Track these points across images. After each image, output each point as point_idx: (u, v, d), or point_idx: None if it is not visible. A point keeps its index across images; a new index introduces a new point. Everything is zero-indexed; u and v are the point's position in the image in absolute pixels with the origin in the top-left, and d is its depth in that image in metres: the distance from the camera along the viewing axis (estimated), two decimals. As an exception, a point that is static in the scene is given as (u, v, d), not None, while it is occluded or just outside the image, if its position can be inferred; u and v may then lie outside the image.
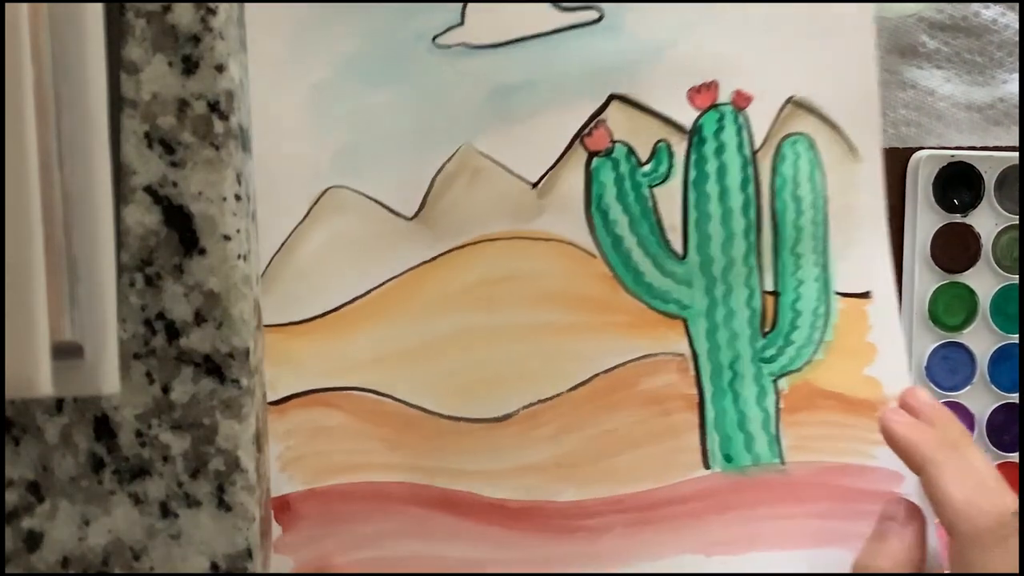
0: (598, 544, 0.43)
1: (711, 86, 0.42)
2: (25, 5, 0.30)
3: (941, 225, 0.54)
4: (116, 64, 0.37)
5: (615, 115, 0.42)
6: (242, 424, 0.39)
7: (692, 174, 0.42)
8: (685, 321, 0.43)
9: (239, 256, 0.38)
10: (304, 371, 0.42)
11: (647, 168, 0.42)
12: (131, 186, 0.38)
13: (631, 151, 0.42)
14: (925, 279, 0.54)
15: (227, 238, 0.38)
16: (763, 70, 0.42)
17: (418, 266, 0.42)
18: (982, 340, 0.55)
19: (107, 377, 0.33)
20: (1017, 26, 0.55)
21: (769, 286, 0.43)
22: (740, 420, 0.43)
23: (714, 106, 0.42)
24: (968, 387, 0.55)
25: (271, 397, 0.42)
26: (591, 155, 0.42)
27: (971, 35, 0.55)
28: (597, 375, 0.43)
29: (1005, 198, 0.54)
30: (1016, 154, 0.54)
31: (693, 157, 0.42)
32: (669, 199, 0.42)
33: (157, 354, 0.38)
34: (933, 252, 0.54)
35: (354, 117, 0.41)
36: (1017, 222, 0.54)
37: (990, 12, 0.55)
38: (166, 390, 0.38)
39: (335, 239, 0.42)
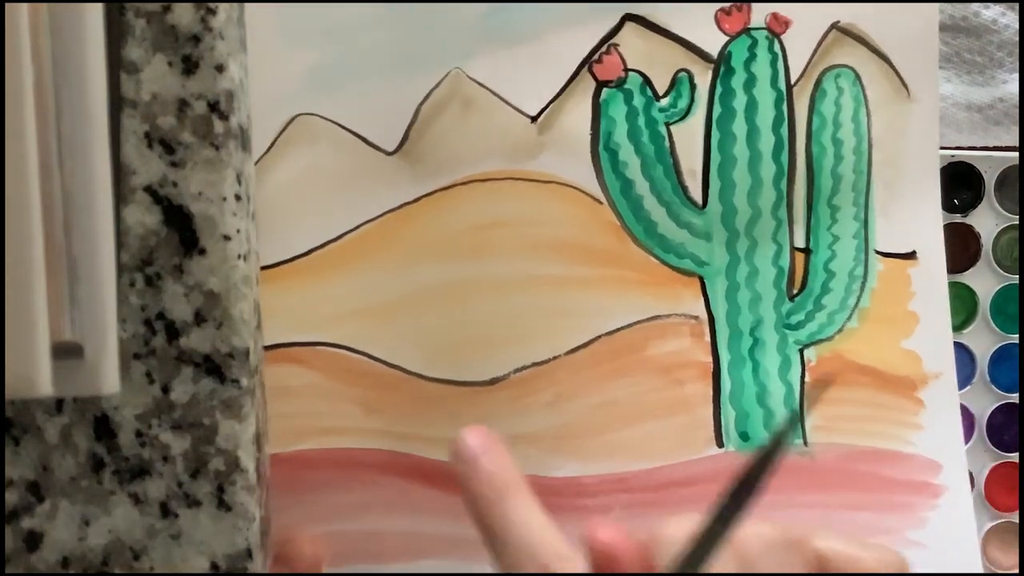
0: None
1: (743, 7, 0.37)
2: (25, 5, 0.30)
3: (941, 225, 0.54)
4: (116, 64, 0.37)
5: (629, 39, 0.37)
6: (242, 424, 0.39)
7: (717, 110, 0.37)
8: (702, 279, 0.38)
9: (239, 256, 0.38)
10: (268, 323, 0.37)
11: (665, 102, 0.37)
12: (131, 186, 0.38)
13: (647, 82, 0.37)
14: (925, 279, 0.54)
15: (227, 238, 0.38)
16: None
17: (399, 208, 0.37)
18: (982, 340, 0.55)
19: (107, 377, 0.33)
20: (1017, 26, 0.55)
21: (800, 242, 0.38)
22: (760, 394, 0.38)
23: (745, 31, 0.37)
24: (968, 387, 0.55)
25: None
26: (600, 85, 0.37)
27: (971, 35, 0.55)
28: (600, 337, 0.38)
29: (1005, 198, 0.54)
30: (1016, 154, 0.54)
31: (719, 90, 0.37)
32: (689, 139, 0.37)
33: (157, 354, 0.38)
34: (933, 252, 0.54)
35: (328, 33, 0.36)
36: (1017, 222, 0.54)
37: (990, 12, 0.55)
38: (166, 390, 0.38)
39: (304, 174, 0.37)
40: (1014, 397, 0.55)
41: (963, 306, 0.55)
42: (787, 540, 0.33)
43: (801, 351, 0.39)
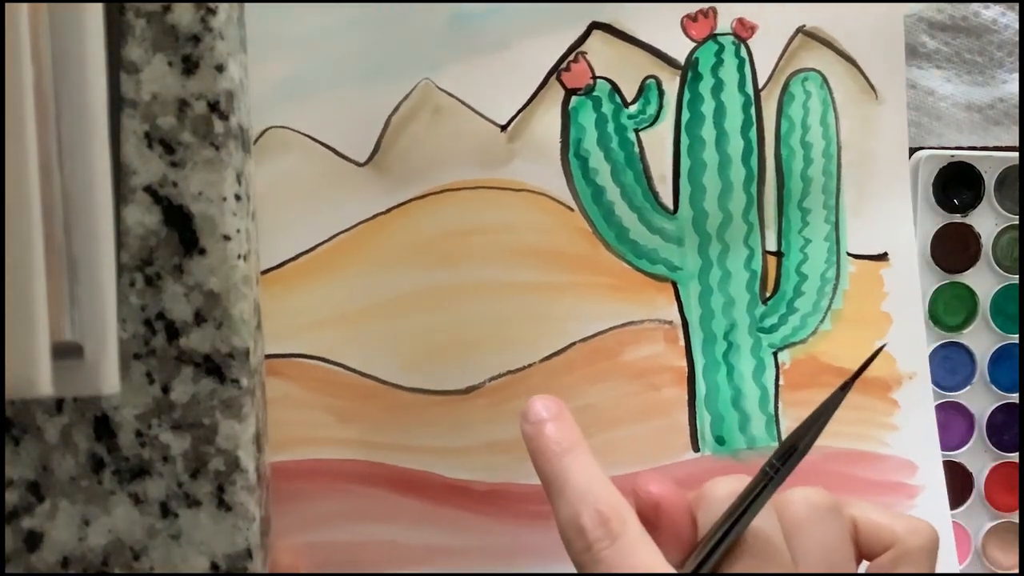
0: None
1: (709, 13, 0.37)
2: (25, 5, 0.30)
3: (941, 225, 0.54)
4: (116, 64, 0.37)
5: (597, 47, 0.37)
6: (242, 424, 0.39)
7: (685, 116, 0.38)
8: (675, 284, 0.39)
9: (239, 256, 0.38)
10: None
11: (633, 109, 0.37)
12: (131, 186, 0.38)
13: (615, 89, 0.37)
14: (925, 279, 0.54)
15: (227, 238, 0.38)
16: None
17: (371, 218, 0.38)
18: (982, 340, 0.55)
19: (107, 377, 0.33)
20: (1017, 26, 0.55)
21: (772, 246, 0.39)
22: (735, 397, 0.39)
23: (712, 36, 0.37)
24: (968, 387, 0.55)
25: None
26: (569, 93, 0.37)
27: (971, 35, 0.55)
28: (575, 343, 0.38)
29: (1005, 198, 0.54)
30: (1016, 154, 0.54)
31: (687, 96, 0.37)
32: (658, 145, 0.37)
33: (157, 354, 0.38)
34: (933, 252, 0.54)
35: (297, 44, 0.36)
36: (1017, 222, 0.54)
37: (990, 12, 0.55)
38: (166, 390, 0.38)
39: (276, 187, 0.37)
40: (1014, 397, 0.55)
41: (963, 306, 0.55)
42: (831, 504, 0.34)
43: (775, 354, 0.39)
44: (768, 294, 0.39)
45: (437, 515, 0.39)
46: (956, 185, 0.55)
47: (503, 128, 0.37)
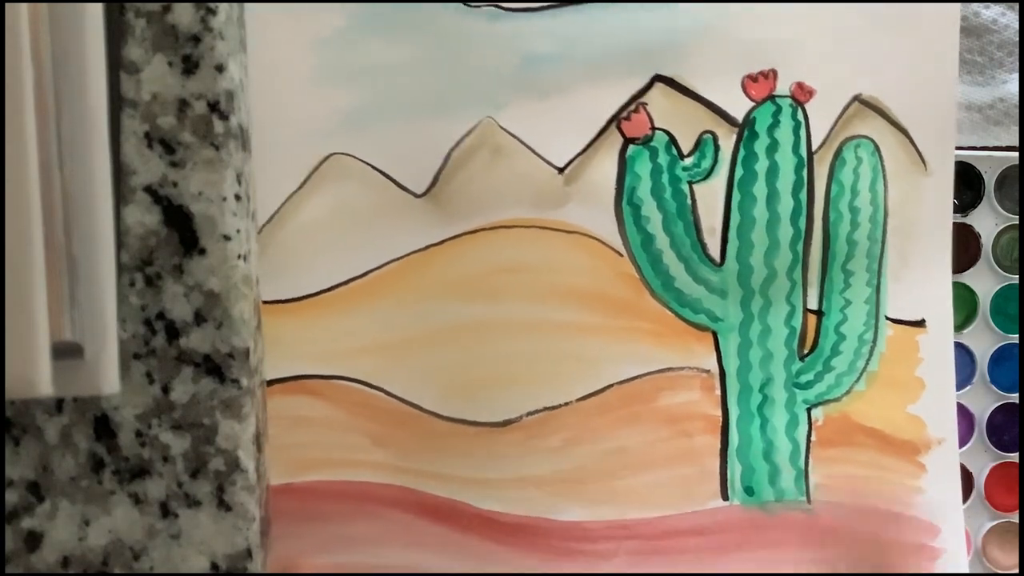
0: (599, 571, 0.39)
1: (769, 75, 0.38)
2: (25, 5, 0.30)
3: (941, 225, 0.54)
4: (116, 64, 0.37)
5: (658, 99, 0.38)
6: (242, 424, 0.39)
7: (739, 172, 0.38)
8: (715, 334, 0.40)
9: (239, 256, 0.38)
10: (289, 354, 0.38)
11: (689, 162, 0.38)
12: (131, 186, 0.38)
13: (672, 141, 0.38)
14: (925, 279, 0.54)
15: (227, 238, 0.38)
16: (829, 61, 0.38)
17: (423, 249, 0.38)
18: (982, 340, 0.55)
19: (107, 377, 0.33)
20: (1017, 26, 0.55)
21: (813, 304, 0.40)
22: (766, 450, 0.39)
23: (771, 98, 0.38)
24: (968, 387, 0.55)
25: None
26: (627, 142, 0.38)
27: (971, 35, 0.55)
28: (612, 385, 0.39)
29: (1005, 198, 0.54)
30: (1016, 154, 0.54)
31: (742, 153, 0.38)
32: (710, 198, 0.38)
33: (157, 354, 0.38)
34: (933, 252, 0.54)
35: (367, 75, 0.37)
36: (1017, 222, 0.54)
37: (990, 12, 0.55)
38: (166, 390, 0.38)
39: (334, 212, 0.38)
40: (1014, 397, 0.55)
41: (963, 306, 0.55)
42: None
43: (809, 410, 0.40)
44: (806, 351, 0.40)
45: (464, 544, 0.39)
46: (956, 185, 0.55)
47: (560, 171, 0.38)
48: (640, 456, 0.39)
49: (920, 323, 0.41)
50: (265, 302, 0.38)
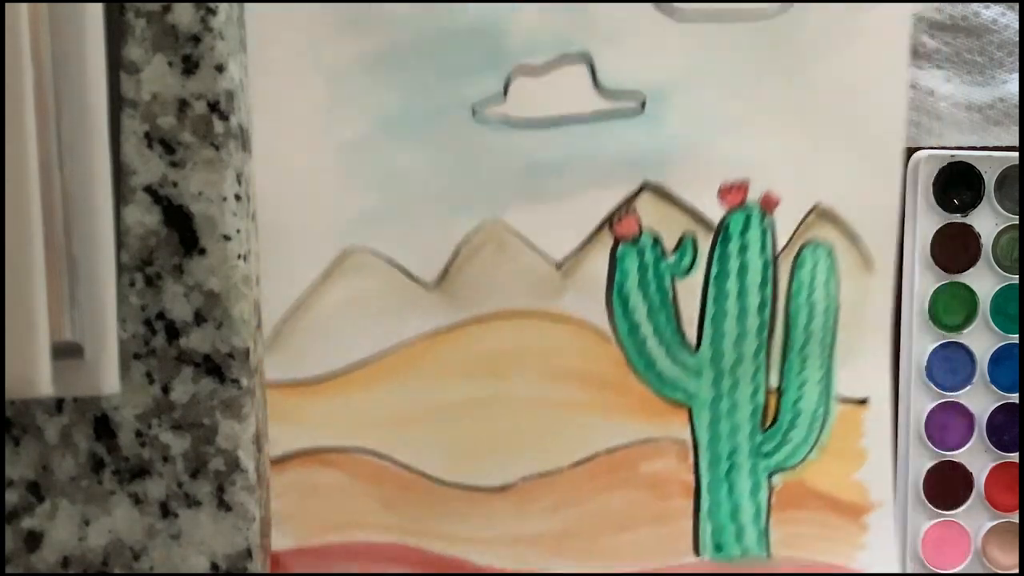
0: None
1: (742, 186, 0.43)
2: (25, 5, 0.30)
3: (941, 225, 0.54)
4: (116, 64, 0.37)
5: (646, 204, 0.43)
6: (242, 424, 0.39)
7: (714, 270, 0.43)
8: (690, 410, 0.44)
9: (239, 256, 0.38)
10: (307, 429, 0.42)
11: (672, 259, 0.43)
12: (131, 186, 0.38)
13: (657, 241, 0.43)
14: (925, 279, 0.54)
15: (227, 238, 0.38)
16: (793, 175, 0.43)
17: (433, 333, 0.43)
18: (982, 340, 0.55)
19: (107, 377, 0.33)
20: (1017, 26, 0.55)
21: (774, 384, 0.45)
22: (733, 511, 0.45)
23: (742, 205, 0.43)
24: (968, 387, 0.55)
25: (273, 453, 0.42)
26: (617, 241, 0.43)
27: (971, 35, 0.55)
28: (599, 454, 0.44)
29: (1005, 198, 0.54)
30: (1016, 154, 0.54)
31: (717, 253, 0.43)
32: (689, 292, 0.43)
33: (157, 354, 0.38)
34: (933, 252, 0.54)
35: (384, 176, 0.41)
36: (1017, 222, 0.54)
37: (990, 12, 0.55)
38: (166, 390, 0.38)
39: (351, 301, 0.42)
40: (1014, 397, 0.55)
41: (963, 306, 0.55)
42: None
43: (769, 476, 0.45)
44: (768, 425, 0.45)
45: None
46: (956, 185, 0.55)
47: (558, 266, 0.43)
48: (623, 517, 0.44)
49: (864, 401, 0.46)
50: (286, 383, 0.41)
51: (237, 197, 0.38)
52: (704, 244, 0.43)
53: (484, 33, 0.40)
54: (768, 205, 0.44)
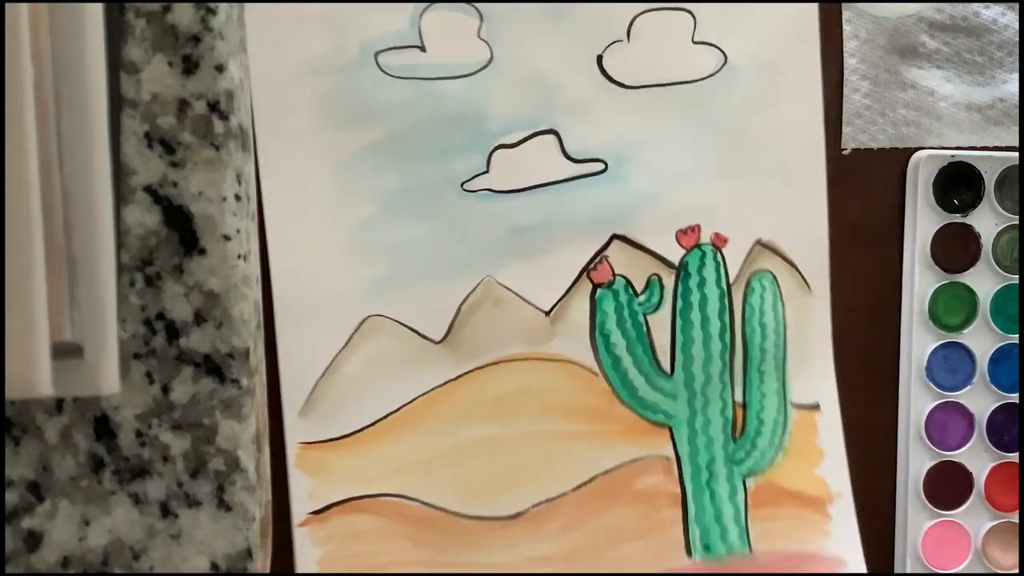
0: None
1: (695, 229, 0.49)
2: (25, 5, 0.30)
3: (941, 225, 0.54)
4: (116, 64, 0.37)
5: (616, 253, 0.49)
6: (242, 424, 0.39)
7: (679, 304, 0.49)
8: (670, 429, 0.50)
9: (239, 256, 0.38)
10: (342, 481, 0.47)
11: (642, 298, 0.49)
12: (131, 186, 0.38)
13: (629, 283, 0.49)
14: (925, 279, 0.54)
15: (227, 238, 0.38)
16: (737, 217, 0.49)
17: (443, 384, 0.48)
18: (982, 340, 0.55)
19: (107, 377, 0.33)
20: (1017, 26, 0.55)
21: (739, 398, 0.50)
22: (716, 514, 0.50)
23: (697, 246, 0.49)
24: (968, 387, 0.55)
25: (314, 507, 0.46)
26: (595, 287, 0.48)
27: (971, 35, 0.55)
28: (597, 476, 0.49)
29: (1005, 198, 0.54)
30: (1016, 154, 0.54)
31: (680, 289, 0.49)
32: (660, 325, 0.49)
33: (157, 354, 0.38)
34: (933, 252, 0.54)
35: (389, 250, 0.46)
36: (1017, 222, 0.54)
37: (990, 12, 0.55)
38: (166, 390, 0.38)
39: (372, 362, 0.47)
40: (1014, 397, 0.55)
41: (963, 306, 0.55)
42: None
43: (744, 480, 0.50)
44: (737, 435, 0.50)
45: None
46: (956, 185, 0.55)
47: (546, 313, 0.48)
48: (623, 530, 0.49)
49: (816, 406, 0.51)
50: (321, 441, 0.46)
51: (237, 197, 0.38)
52: (668, 282, 0.49)
53: (467, 118, 0.47)
54: (718, 243, 0.50)
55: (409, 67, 0.46)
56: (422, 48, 0.46)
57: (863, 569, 0.50)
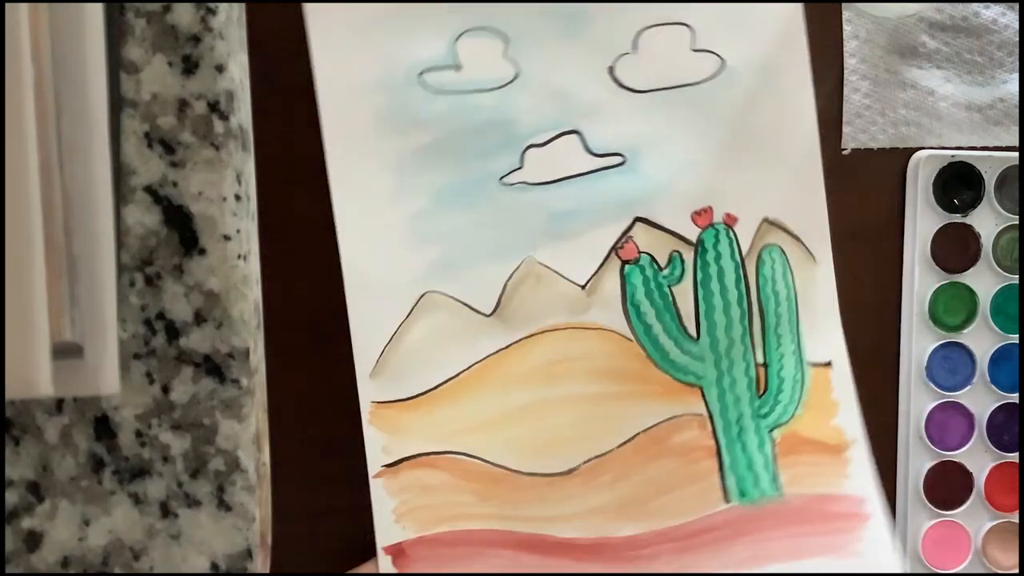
0: (651, 569, 0.54)
1: (708, 210, 0.54)
2: (25, 5, 0.30)
3: (941, 225, 0.54)
4: (116, 64, 0.37)
5: (639, 233, 0.54)
6: (242, 424, 0.39)
7: (699, 276, 0.55)
8: (701, 388, 0.54)
9: (239, 256, 0.38)
10: (412, 438, 0.53)
11: (666, 272, 0.54)
12: (131, 186, 0.38)
13: (653, 259, 0.54)
14: (925, 279, 0.54)
15: (227, 238, 0.38)
16: (743, 198, 0.55)
17: (495, 353, 0.54)
18: (982, 340, 0.55)
19: (107, 377, 0.33)
20: (1017, 26, 0.55)
21: (760, 359, 0.55)
22: (748, 463, 0.54)
23: (711, 225, 0.54)
24: (968, 387, 0.55)
25: (387, 460, 0.52)
26: (624, 263, 0.54)
27: (971, 35, 0.55)
28: (639, 433, 0.54)
29: (1005, 198, 0.54)
30: (1016, 154, 0.54)
31: (698, 263, 0.55)
32: (683, 295, 0.55)
33: (157, 354, 0.38)
34: (933, 252, 0.54)
35: (443, 236, 0.53)
36: (1017, 222, 0.54)
37: (990, 12, 0.55)
38: (166, 390, 0.38)
39: (431, 332, 0.53)
40: (1014, 397, 0.55)
41: (963, 306, 0.55)
42: None
43: (770, 432, 0.55)
44: (761, 392, 0.55)
45: (554, 565, 0.54)
46: (956, 185, 0.55)
47: (583, 287, 0.54)
48: (664, 481, 0.54)
49: (828, 364, 0.56)
50: (391, 401, 0.52)
51: (237, 197, 0.38)
52: (688, 258, 0.54)
53: (500, 124, 0.53)
54: (729, 221, 0.55)
55: (448, 84, 0.53)
56: (458, 68, 0.53)
57: (883, 505, 0.54)
